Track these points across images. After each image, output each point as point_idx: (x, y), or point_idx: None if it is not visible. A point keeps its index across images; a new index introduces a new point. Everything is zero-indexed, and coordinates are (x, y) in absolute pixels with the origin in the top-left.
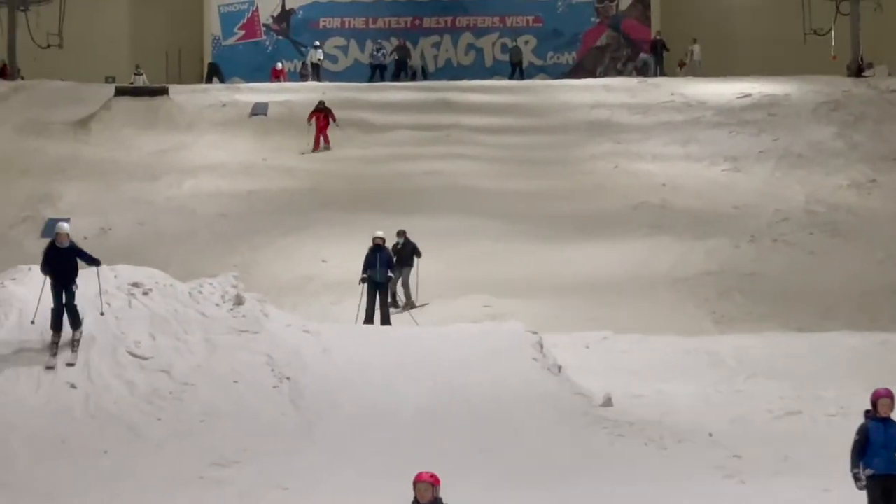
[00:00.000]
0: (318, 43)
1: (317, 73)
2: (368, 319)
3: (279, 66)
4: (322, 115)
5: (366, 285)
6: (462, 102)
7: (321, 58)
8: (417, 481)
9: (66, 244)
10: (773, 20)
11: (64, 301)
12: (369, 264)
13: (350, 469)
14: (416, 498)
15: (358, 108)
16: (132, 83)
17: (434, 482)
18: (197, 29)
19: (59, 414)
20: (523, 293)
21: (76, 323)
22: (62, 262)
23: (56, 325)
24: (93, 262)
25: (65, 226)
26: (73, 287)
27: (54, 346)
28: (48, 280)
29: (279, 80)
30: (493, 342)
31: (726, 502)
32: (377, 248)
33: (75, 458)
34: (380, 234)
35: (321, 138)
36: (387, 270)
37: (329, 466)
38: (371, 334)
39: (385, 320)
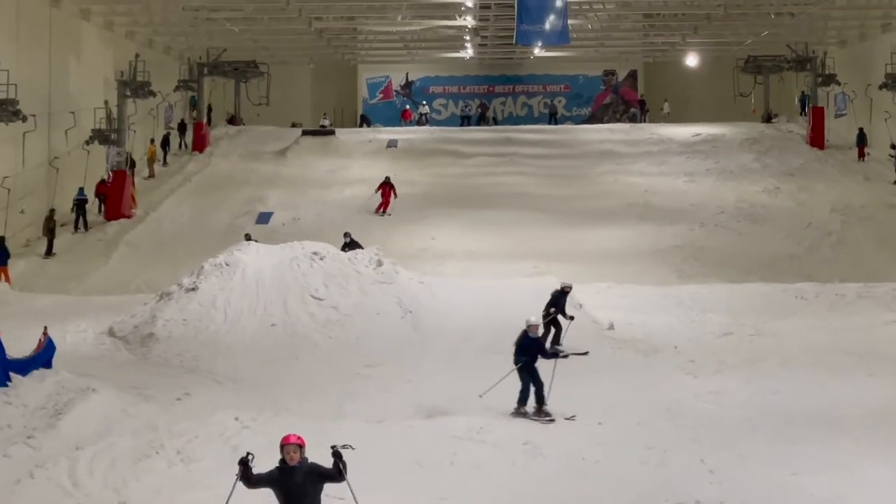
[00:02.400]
0: (424, 102)
1: (425, 120)
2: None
3: (407, 106)
4: (387, 188)
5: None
6: (519, 139)
7: (427, 111)
8: (285, 443)
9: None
10: (715, 86)
11: None
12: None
13: (451, 371)
14: (283, 458)
15: (453, 143)
16: (321, 125)
17: (301, 444)
18: (353, 93)
19: (267, 335)
20: (558, 259)
21: None
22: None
23: None
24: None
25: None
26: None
27: None
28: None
29: (406, 121)
30: (537, 289)
31: (685, 389)
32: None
33: (277, 362)
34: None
35: (384, 205)
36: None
37: (437, 368)
38: (462, 285)
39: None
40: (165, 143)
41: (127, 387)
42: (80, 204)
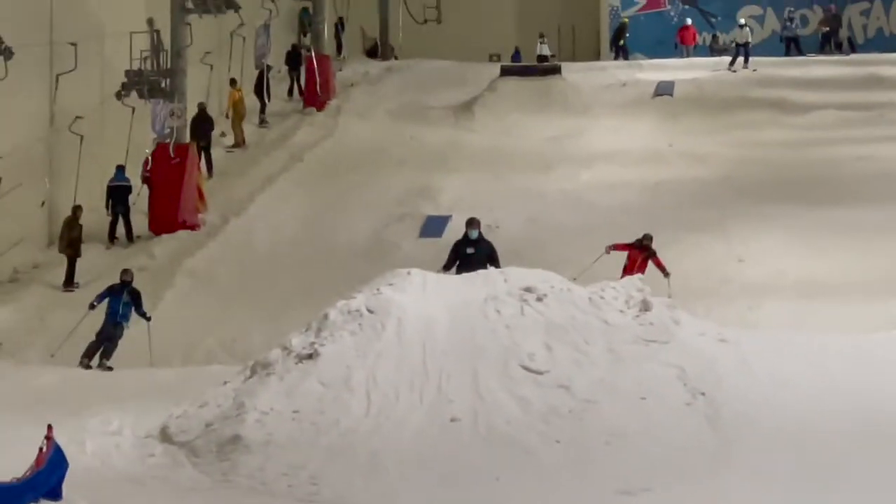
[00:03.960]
0: (743, 21)
1: (745, 54)
2: None
3: (689, 21)
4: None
5: None
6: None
7: (749, 39)
8: None
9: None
10: None
11: None
12: None
13: (775, 496)
14: None
15: (774, 87)
16: (538, 55)
17: None
18: (592, 1)
19: (444, 436)
20: None
21: None
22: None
23: None
24: None
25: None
26: None
27: None
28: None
29: (688, 46)
30: None
31: None
32: None
33: (461, 485)
34: None
35: None
36: None
37: (750, 495)
38: (797, 343)
39: None
40: (262, 88)
41: None
42: (118, 195)
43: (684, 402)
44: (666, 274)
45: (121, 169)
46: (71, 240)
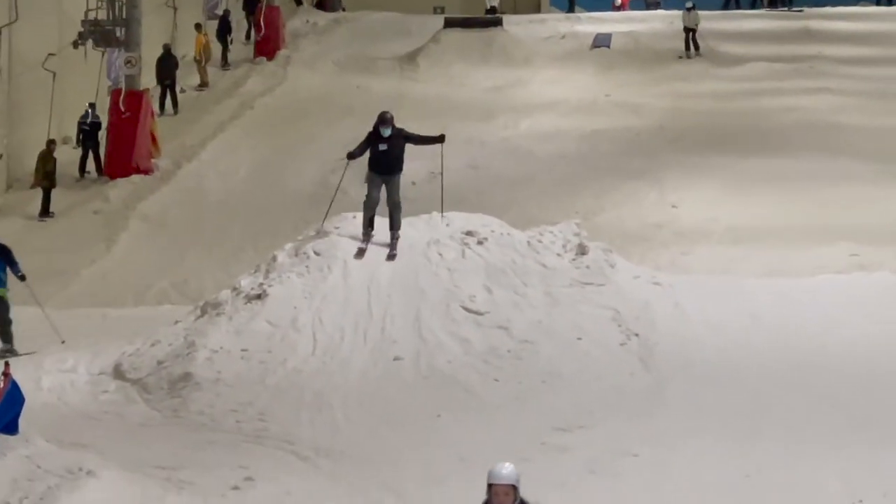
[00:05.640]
0: (691, 4)
1: (694, 40)
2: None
3: None
4: None
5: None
6: (825, 31)
7: (699, 23)
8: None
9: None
10: None
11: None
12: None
13: (707, 435)
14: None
15: (708, 39)
16: (488, 7)
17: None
18: None
19: (387, 375)
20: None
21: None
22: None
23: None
24: None
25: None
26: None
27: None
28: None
29: (620, 10)
30: (862, 295)
31: None
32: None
33: (404, 422)
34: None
35: None
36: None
37: (683, 431)
38: (726, 286)
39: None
40: (224, 31)
41: (146, 467)
42: (88, 132)
43: (619, 343)
44: None
45: (91, 106)
46: (46, 172)
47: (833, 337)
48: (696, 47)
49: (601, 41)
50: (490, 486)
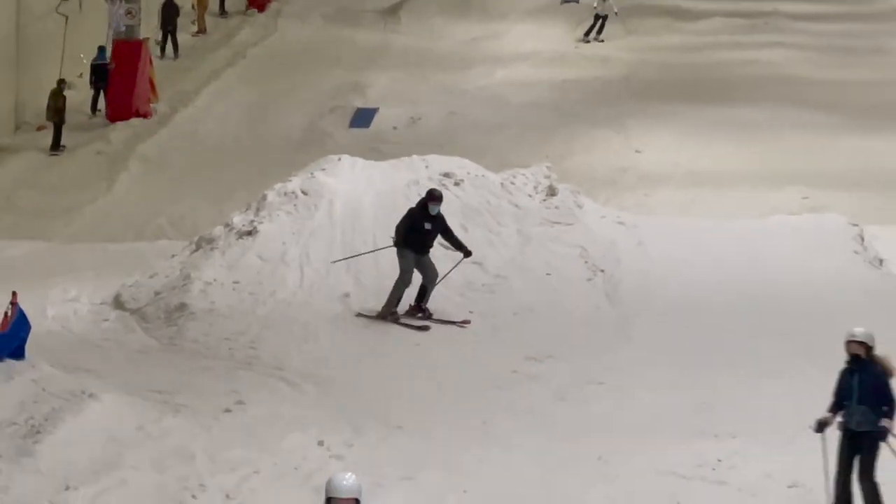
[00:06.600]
0: None
1: (601, 26)
2: None
3: None
4: None
5: None
6: None
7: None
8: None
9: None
10: None
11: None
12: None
13: (667, 364)
14: None
15: None
16: None
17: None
18: None
19: (368, 302)
20: (845, 185)
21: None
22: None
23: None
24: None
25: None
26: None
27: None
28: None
29: None
30: (811, 235)
31: None
32: None
33: (386, 351)
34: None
35: None
36: None
37: (645, 361)
38: (686, 227)
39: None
40: None
41: (144, 390)
42: (99, 71)
43: (586, 279)
44: None
45: (102, 49)
46: (56, 109)
47: (784, 273)
48: (599, 32)
49: None
50: (329, 499)
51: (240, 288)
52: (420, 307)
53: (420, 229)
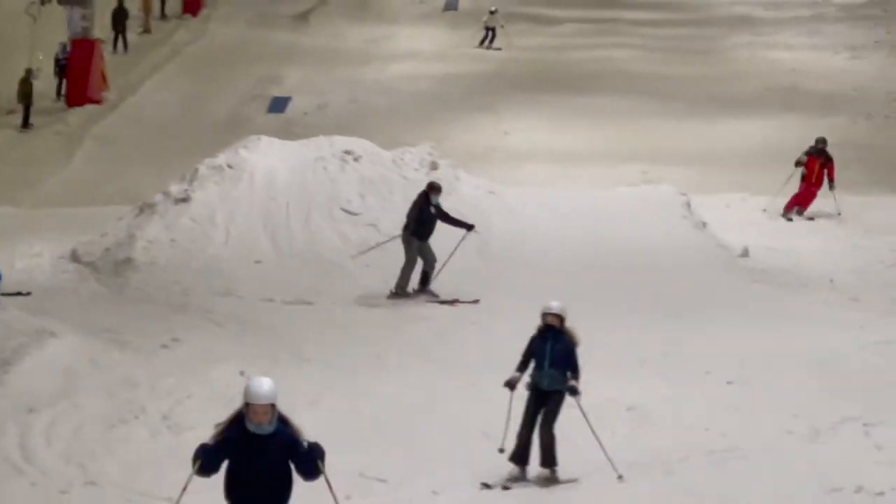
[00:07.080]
0: (494, 8)
1: (493, 36)
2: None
3: None
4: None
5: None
6: None
7: (501, 25)
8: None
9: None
10: None
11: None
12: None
13: (529, 310)
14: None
15: (534, 5)
16: None
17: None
18: None
19: (283, 262)
20: (675, 161)
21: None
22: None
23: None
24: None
25: None
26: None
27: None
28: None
29: None
30: (648, 202)
31: (845, 337)
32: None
33: (298, 298)
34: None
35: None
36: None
37: (511, 307)
38: (546, 196)
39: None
40: None
41: (96, 329)
42: (63, 65)
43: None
44: (832, 186)
45: (63, 45)
46: (24, 93)
47: (627, 234)
48: (492, 42)
49: (451, 4)
50: (247, 405)
51: (175, 245)
52: (425, 290)
53: (427, 219)
